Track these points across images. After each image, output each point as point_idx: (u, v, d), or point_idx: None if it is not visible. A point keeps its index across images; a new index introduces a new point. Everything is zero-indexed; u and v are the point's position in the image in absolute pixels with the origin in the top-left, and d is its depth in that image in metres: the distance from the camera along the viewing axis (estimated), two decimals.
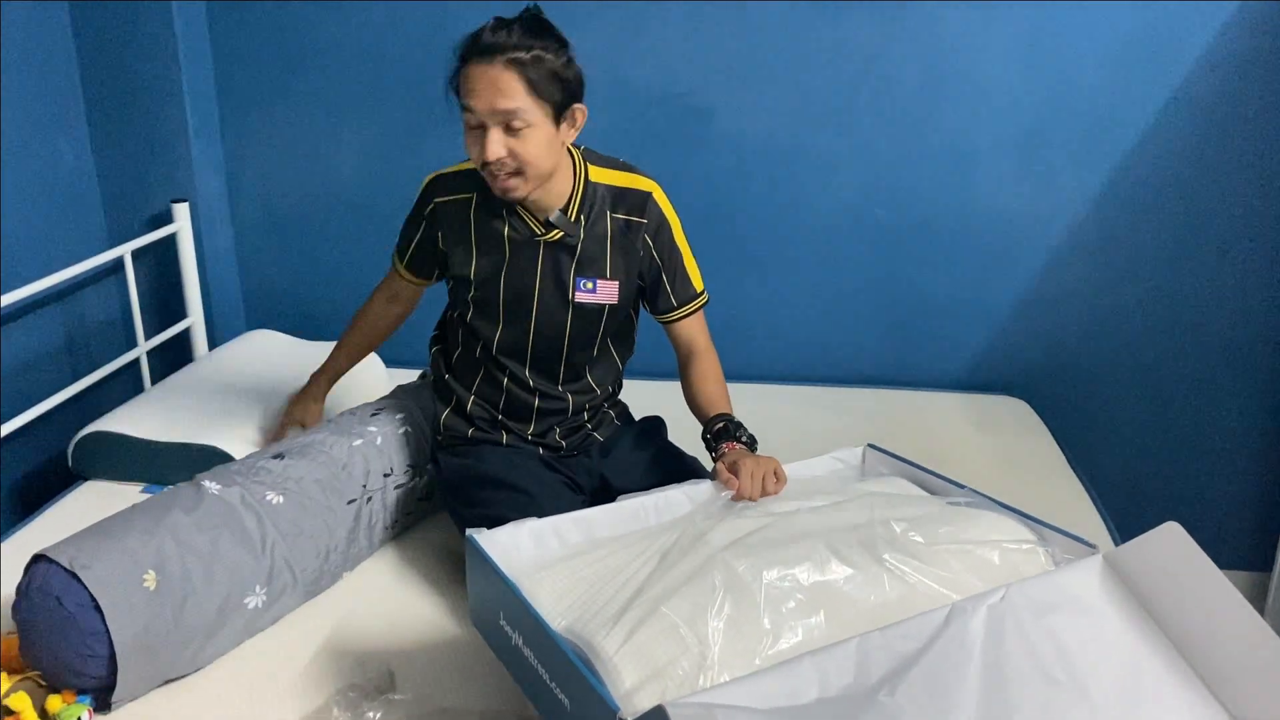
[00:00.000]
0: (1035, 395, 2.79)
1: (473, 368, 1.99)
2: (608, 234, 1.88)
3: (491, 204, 1.86)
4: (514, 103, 1.67)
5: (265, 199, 2.89)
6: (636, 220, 1.90)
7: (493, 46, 1.67)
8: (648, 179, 1.92)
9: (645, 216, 1.90)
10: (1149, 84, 2.54)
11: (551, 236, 1.86)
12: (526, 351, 1.94)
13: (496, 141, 1.69)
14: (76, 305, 2.64)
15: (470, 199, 1.89)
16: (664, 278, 1.94)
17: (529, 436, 1.99)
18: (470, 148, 1.75)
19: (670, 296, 1.96)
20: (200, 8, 2.69)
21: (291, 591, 1.75)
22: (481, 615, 1.52)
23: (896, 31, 2.57)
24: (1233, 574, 2.81)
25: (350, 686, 1.57)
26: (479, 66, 1.67)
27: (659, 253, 1.92)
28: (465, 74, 1.70)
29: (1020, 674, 1.25)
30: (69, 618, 1.50)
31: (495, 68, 1.66)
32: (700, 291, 2.00)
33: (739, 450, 1.80)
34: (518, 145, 1.70)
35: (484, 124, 1.70)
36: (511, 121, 1.69)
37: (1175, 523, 1.34)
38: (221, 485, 1.77)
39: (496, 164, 1.71)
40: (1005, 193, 2.67)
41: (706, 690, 1.19)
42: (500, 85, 1.66)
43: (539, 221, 1.85)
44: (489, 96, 1.67)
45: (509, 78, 1.67)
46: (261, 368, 2.57)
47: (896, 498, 1.70)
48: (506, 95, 1.67)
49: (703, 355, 2.00)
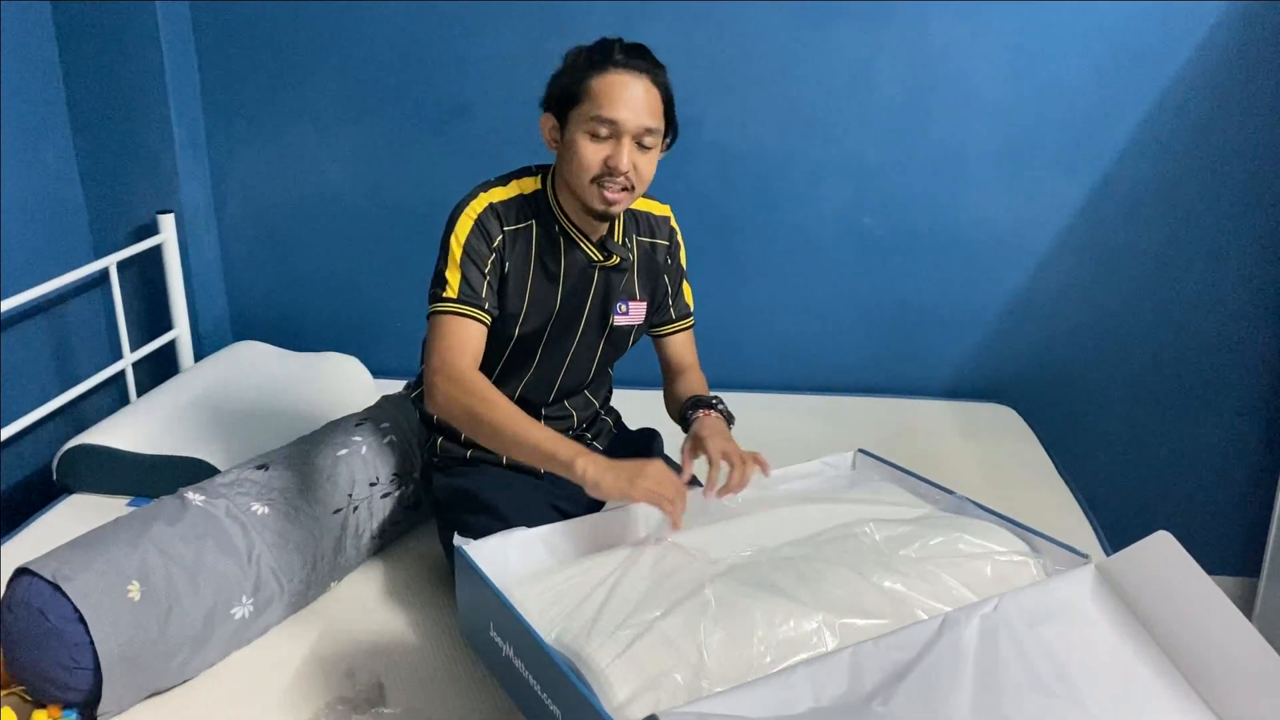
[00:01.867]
0: (1023, 402, 2.79)
1: None
2: (636, 256, 1.90)
3: (551, 231, 1.81)
4: (657, 121, 1.69)
5: (251, 210, 2.88)
6: (660, 243, 1.95)
7: (639, 64, 1.68)
8: (661, 204, 1.97)
9: (666, 239, 1.95)
10: (1136, 89, 2.55)
11: (611, 262, 1.84)
12: (554, 384, 1.92)
13: (630, 154, 1.68)
14: (61, 317, 2.62)
15: (530, 227, 1.81)
16: (669, 295, 1.99)
17: None
18: (588, 155, 1.69)
19: (670, 311, 2.00)
20: (185, 17, 2.68)
21: (279, 602, 1.74)
22: (471, 627, 1.51)
23: (884, 39, 2.57)
24: (1221, 579, 2.84)
25: (340, 699, 1.56)
26: (627, 78, 1.67)
27: (671, 273, 1.97)
28: (606, 83, 1.67)
29: (1013, 683, 1.25)
30: (53, 630, 1.49)
31: (644, 82, 1.67)
32: (692, 310, 2.04)
33: (713, 421, 1.81)
34: (642, 162, 1.71)
35: (619, 135, 1.67)
36: (645, 139, 1.69)
37: (1166, 532, 1.34)
38: (206, 497, 1.77)
39: (624, 176, 1.69)
40: (993, 200, 2.68)
41: (700, 700, 1.18)
42: (650, 102, 1.68)
43: (594, 246, 1.82)
44: (639, 110, 1.67)
45: (655, 96, 1.69)
46: (248, 379, 2.56)
47: (890, 507, 1.70)
48: (653, 112, 1.68)
49: (690, 370, 2.02)
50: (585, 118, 1.68)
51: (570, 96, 1.70)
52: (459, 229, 1.76)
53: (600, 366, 1.96)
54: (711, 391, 1.95)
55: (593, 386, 2.01)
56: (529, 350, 1.86)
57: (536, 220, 1.81)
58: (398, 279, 2.85)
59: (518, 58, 2.65)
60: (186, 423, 2.31)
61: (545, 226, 1.80)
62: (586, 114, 1.67)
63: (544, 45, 2.62)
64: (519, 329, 1.82)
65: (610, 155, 1.68)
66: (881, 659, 1.24)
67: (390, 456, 2.02)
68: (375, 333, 2.92)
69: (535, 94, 2.70)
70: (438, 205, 2.73)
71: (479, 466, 1.94)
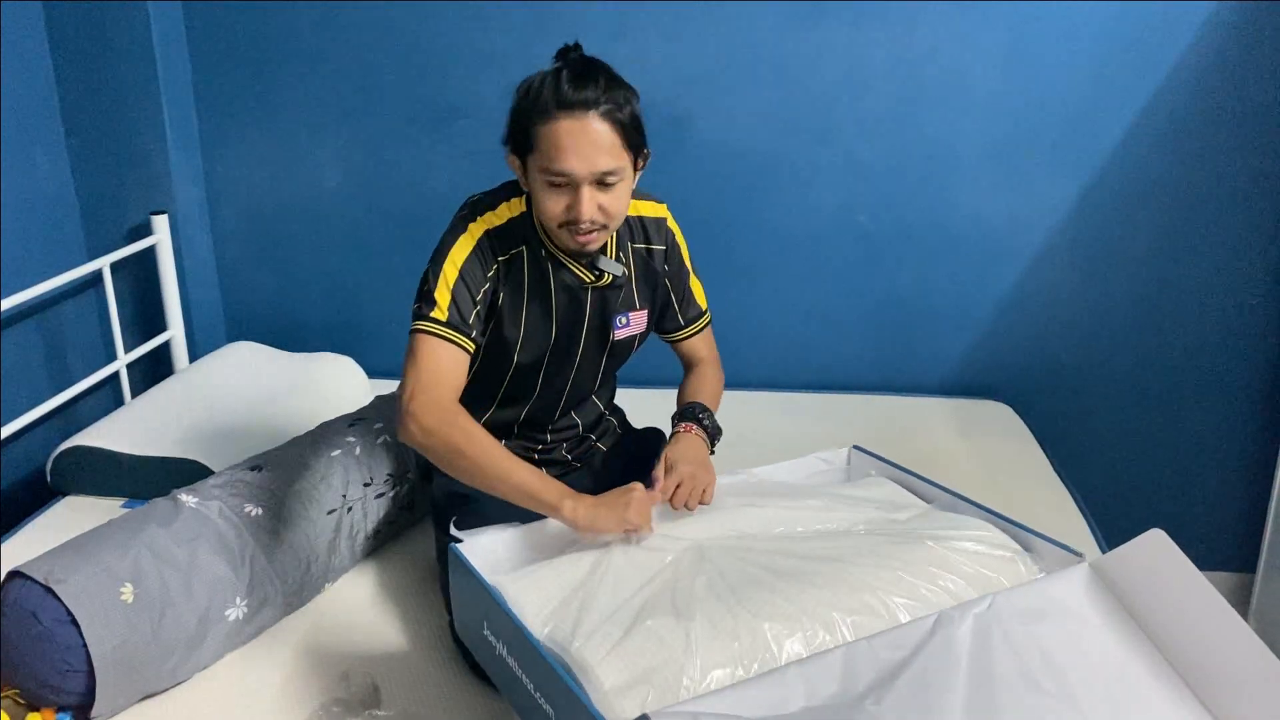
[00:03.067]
0: (1018, 399, 2.79)
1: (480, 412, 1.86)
2: (632, 265, 1.83)
3: (539, 256, 1.73)
4: (614, 160, 1.57)
5: (245, 210, 2.88)
6: (657, 248, 1.86)
7: (583, 100, 1.54)
8: (657, 202, 1.87)
9: (662, 243, 1.87)
10: (1129, 86, 2.55)
11: (603, 282, 1.77)
12: (559, 404, 1.89)
13: (591, 200, 1.58)
14: (55, 319, 2.62)
15: (521, 254, 1.72)
16: (672, 299, 1.92)
17: (536, 456, 1.94)
18: (549, 205, 1.60)
19: (678, 317, 1.94)
20: (178, 17, 2.68)
21: (273, 603, 1.74)
22: (465, 626, 1.51)
23: (876, 37, 2.57)
24: (1217, 575, 2.84)
25: (334, 700, 1.56)
26: (571, 123, 1.54)
27: (670, 276, 1.90)
28: (551, 132, 1.55)
29: (1007, 682, 1.25)
30: (45, 633, 1.49)
31: (591, 123, 1.55)
32: (705, 310, 1.98)
33: (691, 440, 1.77)
34: (608, 200, 1.60)
35: (575, 185, 1.57)
36: (606, 178, 1.58)
37: (1160, 530, 1.34)
38: (199, 498, 1.77)
39: (589, 221, 1.60)
40: (987, 197, 2.67)
41: (691, 699, 1.18)
42: (600, 143, 1.55)
43: (586, 267, 1.74)
44: (590, 156, 1.55)
45: (606, 133, 1.56)
46: (242, 380, 2.55)
47: (883, 503, 1.70)
48: (608, 153, 1.56)
49: (705, 363, 1.99)
50: (539, 168, 1.59)
51: (524, 143, 1.61)
52: (455, 251, 1.68)
53: (605, 377, 1.94)
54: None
55: (598, 393, 1.99)
56: (530, 377, 1.81)
57: (526, 246, 1.73)
58: (392, 279, 2.84)
59: (512, 57, 2.65)
60: (181, 424, 2.30)
61: (534, 252, 1.73)
62: (539, 164, 1.59)
63: (538, 45, 2.61)
64: (517, 357, 1.77)
65: (570, 204, 1.59)
66: (875, 658, 1.24)
67: (384, 457, 2.02)
68: (370, 333, 2.92)
69: None
70: (431, 205, 2.75)
71: None
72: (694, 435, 1.79)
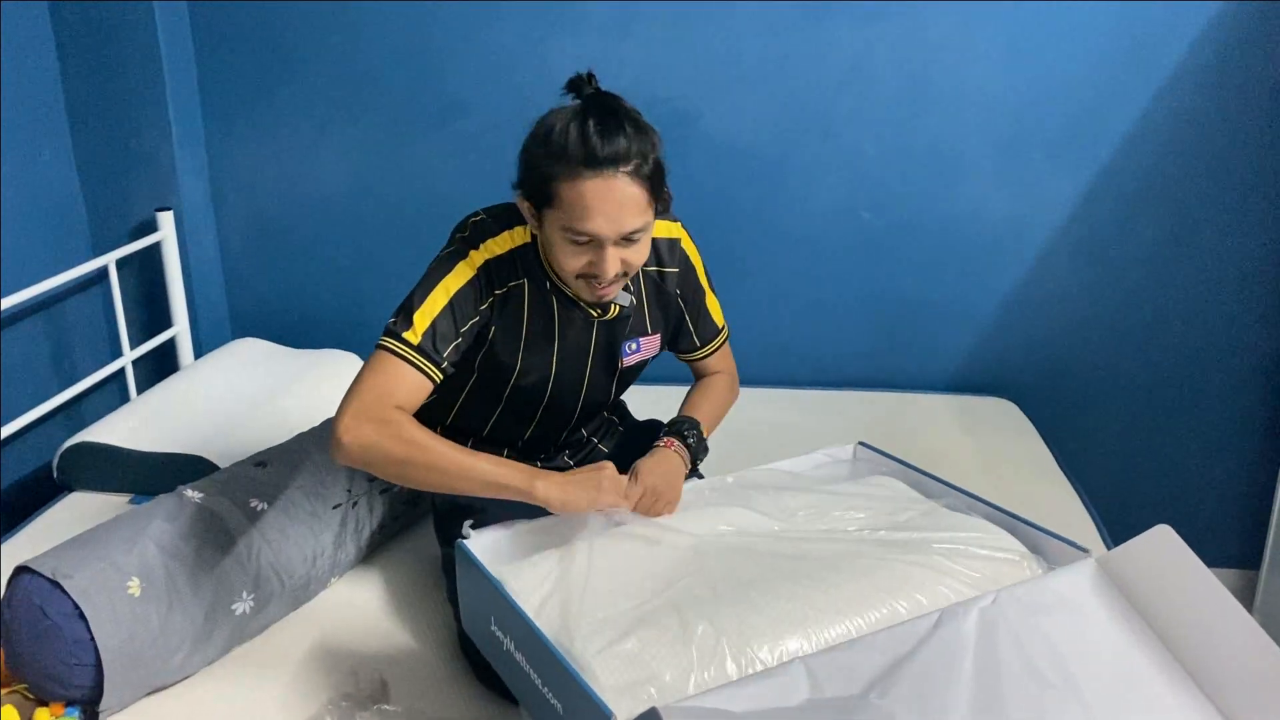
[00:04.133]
0: (1022, 396, 2.79)
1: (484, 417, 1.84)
2: (644, 290, 1.77)
3: (543, 290, 1.66)
4: (641, 219, 1.50)
5: (250, 207, 2.88)
6: (670, 271, 1.79)
7: (612, 157, 1.45)
8: (671, 221, 1.79)
9: (676, 265, 1.80)
10: (1132, 85, 2.55)
11: (610, 315, 1.71)
12: (566, 427, 1.86)
13: (614, 258, 1.51)
14: (61, 315, 2.62)
15: (522, 286, 1.65)
16: (687, 320, 1.86)
17: (539, 464, 1.92)
18: (568, 261, 1.53)
19: (693, 337, 1.90)
20: (184, 14, 2.68)
21: (279, 597, 1.74)
22: (473, 621, 1.51)
23: (879, 35, 2.57)
24: (1221, 571, 2.84)
25: (343, 696, 1.56)
26: (599, 183, 1.45)
27: (684, 297, 1.83)
28: (577, 192, 1.46)
29: (1012, 676, 1.25)
30: (53, 627, 1.49)
31: (619, 183, 1.46)
32: (722, 327, 1.93)
33: (667, 456, 1.69)
34: (631, 255, 1.53)
35: (600, 244, 1.50)
36: (633, 235, 1.50)
37: (1166, 525, 1.34)
38: (204, 494, 1.77)
39: (614, 276, 1.53)
40: (990, 194, 2.67)
41: (697, 694, 1.18)
42: (628, 204, 1.47)
43: (590, 302, 1.68)
44: (617, 218, 1.47)
45: (635, 192, 1.47)
46: (247, 376, 2.56)
47: (889, 501, 1.69)
48: (636, 213, 1.49)
49: (719, 375, 1.95)
50: (559, 225, 1.50)
51: (543, 195, 1.51)
52: (450, 279, 1.60)
53: (615, 398, 1.90)
54: None
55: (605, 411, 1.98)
56: (531, 402, 1.77)
57: (528, 279, 1.65)
58: (396, 275, 2.83)
59: (516, 55, 2.65)
60: (187, 420, 2.31)
61: (536, 285, 1.66)
62: (560, 221, 1.49)
63: (542, 43, 2.63)
64: (515, 381, 1.72)
65: (592, 261, 1.52)
66: (879, 652, 1.24)
67: None
68: (374, 329, 2.86)
69: (533, 91, 2.70)
70: (436, 202, 2.76)
71: None
72: (672, 452, 1.71)
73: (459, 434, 1.86)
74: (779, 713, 1.15)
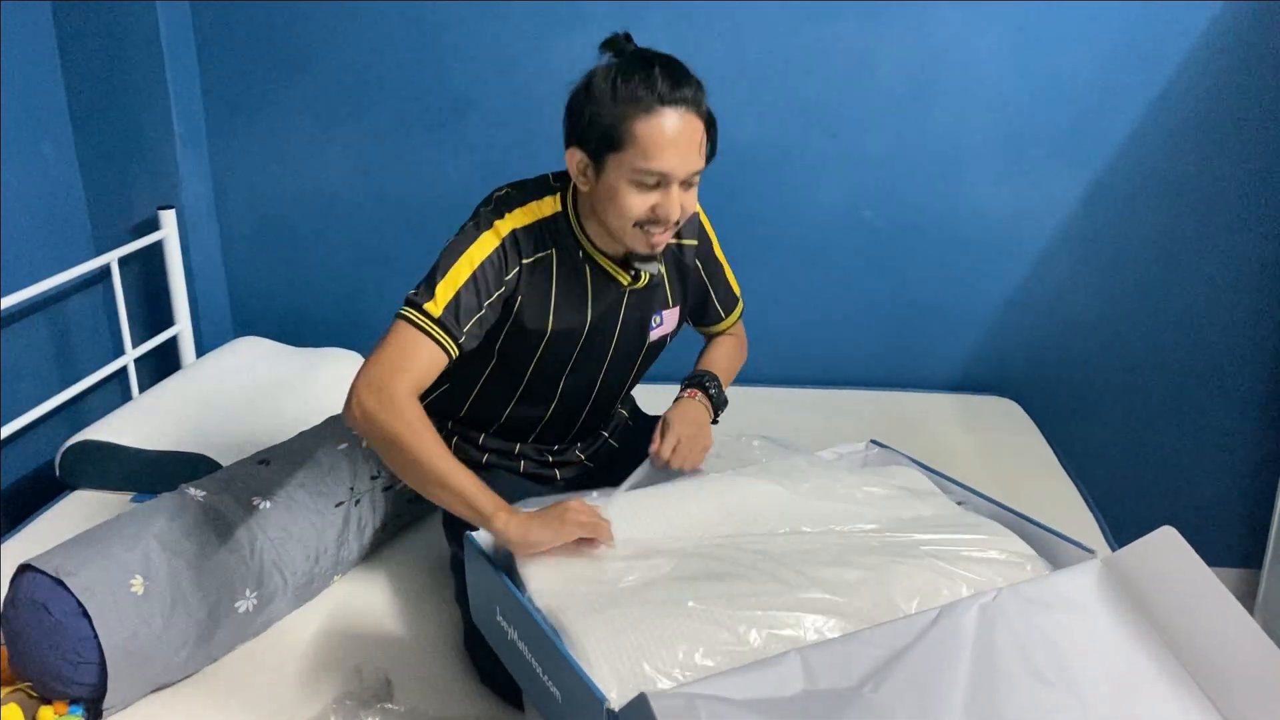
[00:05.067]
0: (1025, 395, 2.79)
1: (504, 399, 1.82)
2: (664, 262, 1.78)
3: (574, 259, 1.67)
4: (702, 160, 1.55)
5: (252, 205, 2.88)
6: (688, 243, 1.82)
7: (685, 95, 1.49)
8: None
9: (694, 237, 1.82)
10: (1136, 83, 2.55)
11: (641, 283, 1.73)
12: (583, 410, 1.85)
13: (678, 200, 1.54)
14: (63, 314, 2.62)
15: (550, 256, 1.65)
16: (711, 293, 1.90)
17: (551, 460, 1.93)
18: (633, 205, 1.53)
19: (718, 309, 1.93)
20: (186, 12, 2.68)
21: (282, 595, 1.74)
22: (481, 612, 1.52)
23: (883, 33, 2.57)
24: (1223, 571, 2.84)
25: (347, 694, 1.56)
26: (675, 119, 1.49)
27: (706, 271, 1.87)
28: (653, 128, 1.48)
29: (1011, 672, 1.25)
30: (57, 625, 1.49)
31: (692, 119, 1.51)
32: (739, 296, 1.97)
33: (693, 405, 1.76)
34: (687, 201, 1.57)
35: (667, 184, 1.52)
36: (693, 178, 1.55)
37: (1170, 527, 1.34)
38: (207, 492, 1.77)
39: (674, 223, 1.57)
40: (994, 193, 2.67)
41: (690, 682, 1.18)
42: (698, 141, 1.52)
43: (620, 268, 1.70)
44: (690, 155, 1.51)
45: (701, 130, 1.53)
46: (249, 375, 2.56)
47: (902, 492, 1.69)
48: (700, 153, 1.54)
49: (728, 336, 1.99)
50: (629, 167, 1.51)
51: (609, 140, 1.51)
52: (475, 249, 1.59)
53: (634, 381, 1.91)
54: None
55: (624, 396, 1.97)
56: (553, 376, 1.76)
57: (557, 247, 1.66)
58: (398, 273, 2.84)
59: (519, 54, 2.65)
60: (189, 419, 2.31)
61: (567, 254, 1.66)
62: (630, 163, 1.50)
63: (545, 41, 2.63)
64: (541, 352, 1.71)
65: (658, 204, 1.54)
66: (876, 645, 1.24)
67: None
68: (376, 328, 2.87)
69: (536, 90, 2.71)
70: (439, 200, 2.76)
71: (492, 472, 1.87)
72: (697, 401, 1.77)
73: (473, 426, 1.87)
74: (773, 702, 1.15)
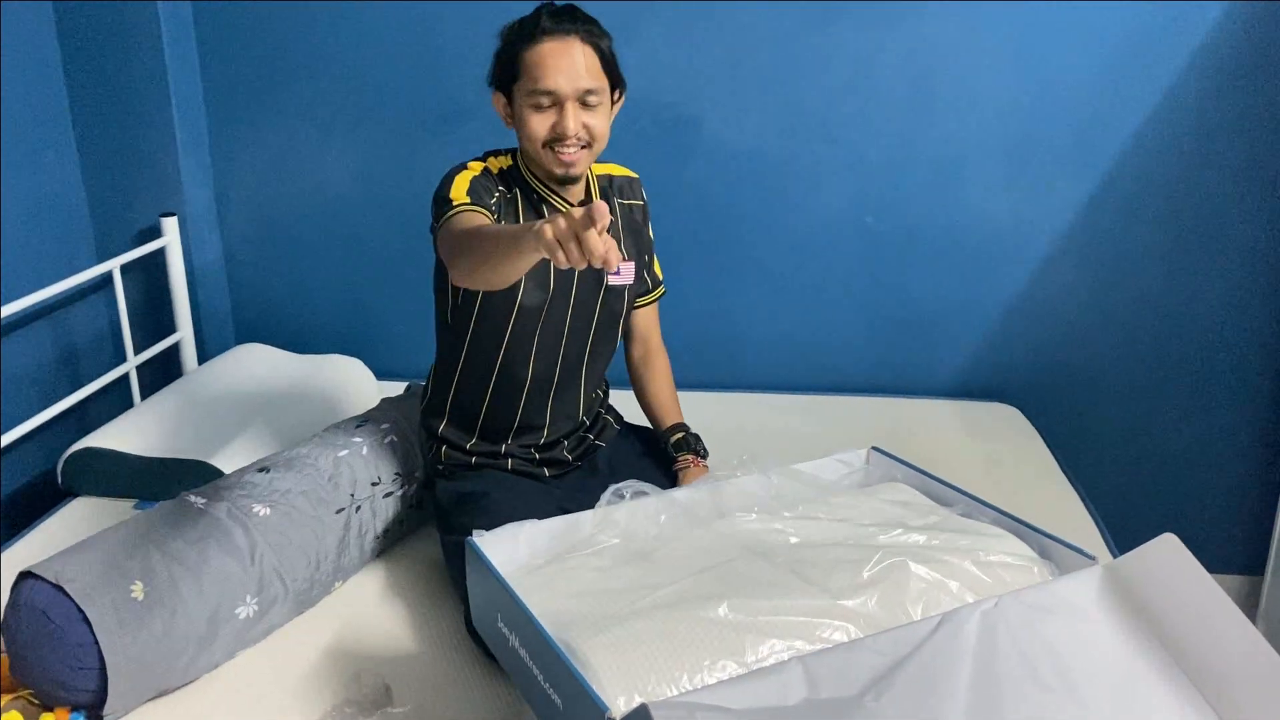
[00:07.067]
0: (1028, 402, 2.79)
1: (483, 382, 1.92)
2: (618, 216, 1.95)
3: (530, 200, 1.85)
4: (595, 80, 1.72)
5: (254, 212, 2.89)
6: (636, 203, 2.01)
7: (565, 26, 1.70)
8: (629, 170, 2.03)
9: (640, 199, 2.02)
10: (1138, 88, 2.55)
11: None
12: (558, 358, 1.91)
13: (575, 117, 1.72)
14: (65, 321, 2.63)
15: (516, 196, 1.85)
16: (649, 258, 2.05)
17: (536, 456, 1.97)
18: (535, 125, 1.74)
19: (646, 280, 2.06)
20: (187, 19, 2.69)
21: (283, 601, 1.74)
22: (481, 618, 1.52)
23: (884, 39, 2.57)
24: (1226, 578, 2.84)
25: (346, 701, 1.56)
26: (555, 43, 1.70)
27: (647, 235, 2.04)
28: (536, 53, 1.70)
29: (1012, 679, 1.24)
30: (57, 631, 1.49)
31: (574, 44, 1.70)
32: (662, 280, 2.12)
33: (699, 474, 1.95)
34: (591, 119, 1.74)
35: (560, 102, 1.71)
36: (588, 98, 1.72)
37: (1172, 534, 1.34)
38: (207, 500, 1.77)
39: (574, 138, 1.73)
40: (995, 199, 2.67)
41: (691, 691, 1.18)
42: (585, 62, 1.71)
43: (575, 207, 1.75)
44: (575, 74, 1.70)
45: (588, 53, 1.71)
46: (251, 382, 2.56)
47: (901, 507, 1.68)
48: (589, 72, 1.71)
49: (656, 353, 2.12)
50: (525, 92, 1.73)
51: (509, 73, 1.75)
52: (467, 171, 1.79)
53: (598, 334, 1.95)
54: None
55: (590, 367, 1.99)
56: (531, 322, 1.86)
57: (519, 190, 1.85)
58: (400, 281, 2.85)
59: None
60: (191, 425, 2.31)
61: (526, 195, 1.85)
62: (526, 88, 1.73)
63: None
64: (520, 301, 1.83)
65: (556, 122, 1.73)
66: (878, 654, 1.23)
67: (391, 456, 2.03)
68: (378, 334, 2.93)
69: None
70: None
71: (483, 471, 1.94)
72: (701, 469, 1.99)
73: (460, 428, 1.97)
74: (774, 712, 1.14)
